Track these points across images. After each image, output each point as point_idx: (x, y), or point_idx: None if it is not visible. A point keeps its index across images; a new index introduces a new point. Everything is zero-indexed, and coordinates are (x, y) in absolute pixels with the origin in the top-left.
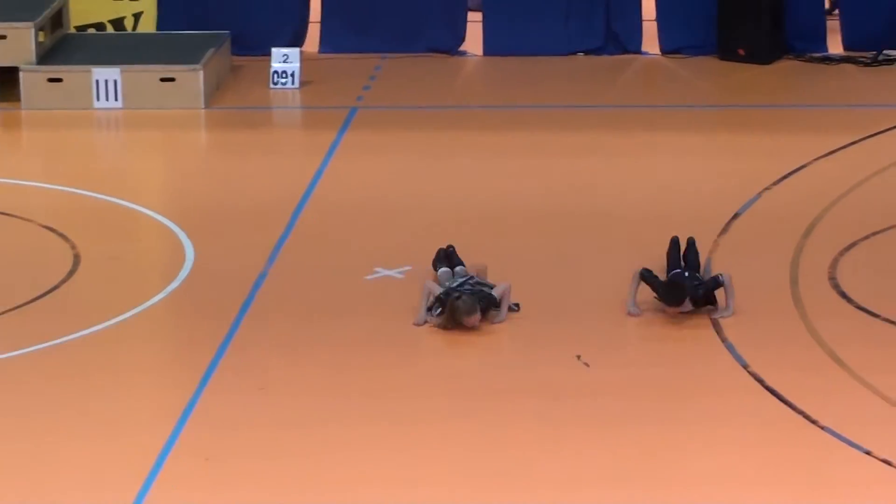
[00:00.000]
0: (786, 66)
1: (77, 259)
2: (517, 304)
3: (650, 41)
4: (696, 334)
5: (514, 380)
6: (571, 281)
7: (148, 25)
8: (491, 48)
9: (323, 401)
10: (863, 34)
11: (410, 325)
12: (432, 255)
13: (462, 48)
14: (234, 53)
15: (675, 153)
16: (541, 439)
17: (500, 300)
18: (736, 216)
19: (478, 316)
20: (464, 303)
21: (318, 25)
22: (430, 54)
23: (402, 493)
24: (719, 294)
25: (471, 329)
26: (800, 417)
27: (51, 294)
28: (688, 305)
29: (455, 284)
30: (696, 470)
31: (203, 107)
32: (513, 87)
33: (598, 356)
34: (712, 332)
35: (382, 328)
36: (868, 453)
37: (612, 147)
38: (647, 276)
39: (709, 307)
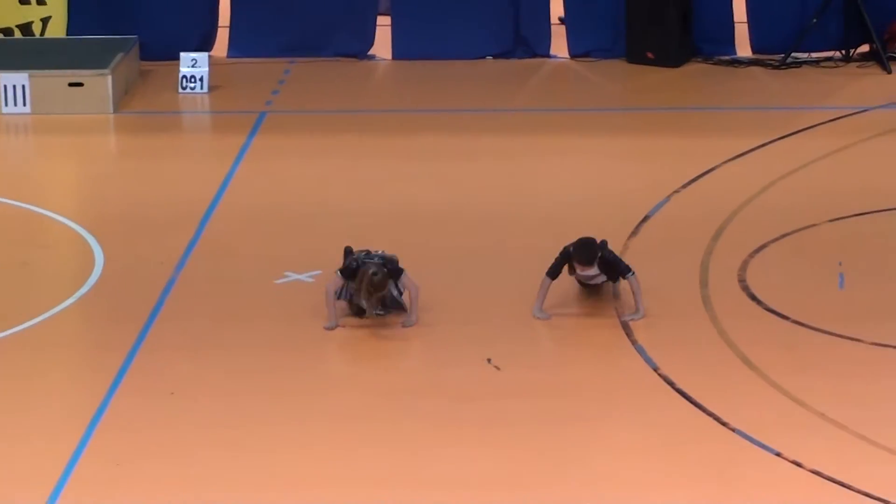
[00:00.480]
0: (694, 68)
1: None
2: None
3: (559, 45)
4: (606, 337)
5: (422, 382)
6: (480, 284)
7: (56, 30)
8: (400, 52)
9: (232, 404)
10: (771, 38)
11: (320, 328)
12: (340, 259)
13: (371, 52)
14: (142, 58)
15: (585, 156)
16: (446, 440)
17: (411, 304)
18: (646, 219)
19: (388, 281)
20: (374, 272)
21: (227, 30)
22: (339, 59)
23: (307, 493)
24: (628, 294)
25: (381, 293)
26: (710, 419)
27: None
28: (600, 276)
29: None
30: (605, 472)
31: (112, 111)
32: (421, 91)
33: (507, 359)
34: (622, 334)
35: (292, 331)
36: (778, 455)
37: (522, 150)
38: (559, 260)
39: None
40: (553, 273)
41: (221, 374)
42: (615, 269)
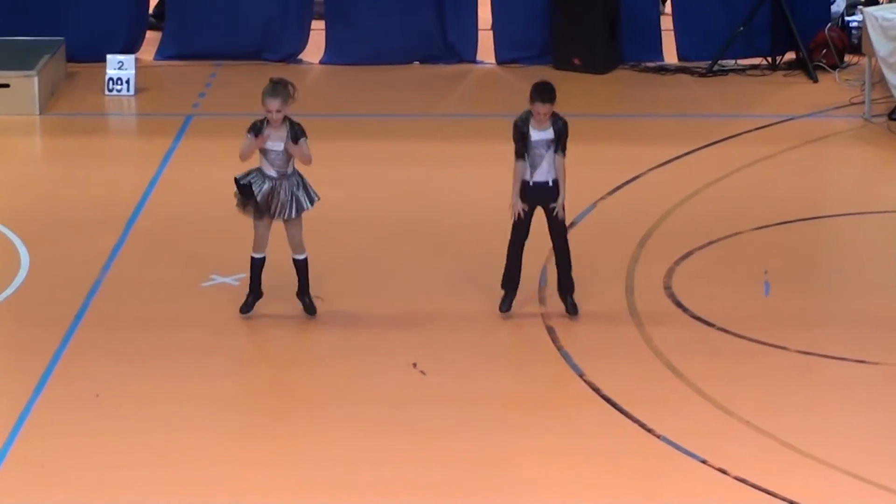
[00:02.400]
0: (621, 75)
1: None
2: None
3: (486, 51)
4: (532, 343)
5: (349, 388)
6: (406, 289)
7: None
8: (330, 57)
9: (157, 409)
10: (697, 45)
11: (246, 333)
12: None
13: (300, 56)
14: (68, 60)
15: (510, 162)
16: (371, 447)
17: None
18: (572, 225)
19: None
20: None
21: (153, 32)
22: (268, 62)
23: (231, 500)
24: (554, 299)
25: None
26: (636, 426)
27: None
28: (549, 137)
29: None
30: (530, 478)
31: (38, 113)
32: (349, 96)
33: (433, 364)
34: (548, 340)
35: (218, 335)
36: (704, 462)
37: (447, 156)
38: (515, 134)
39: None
40: (519, 152)
41: (146, 378)
42: (563, 135)
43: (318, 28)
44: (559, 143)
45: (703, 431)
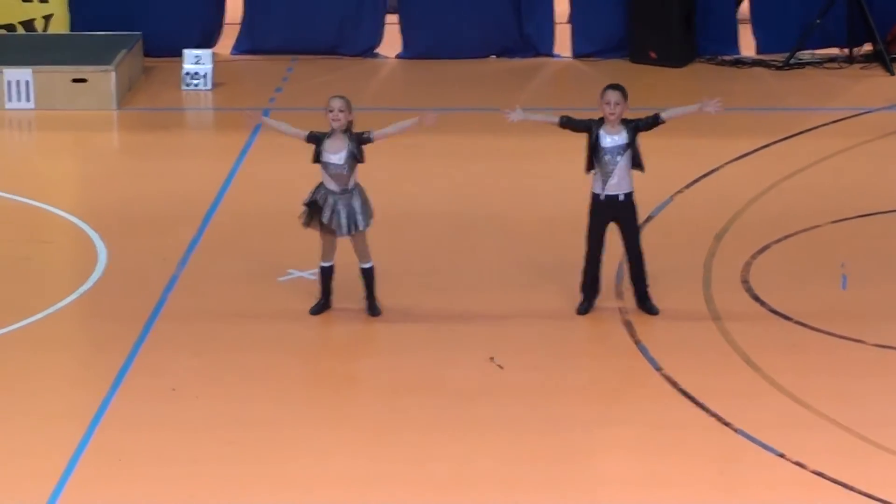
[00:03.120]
0: (697, 68)
1: None
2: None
3: (561, 44)
4: (609, 337)
5: (423, 380)
6: (480, 283)
7: (58, 27)
8: (405, 51)
9: (234, 403)
10: (775, 38)
11: (323, 327)
12: (343, 256)
13: (376, 51)
14: (145, 55)
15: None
16: (447, 440)
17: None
18: (649, 219)
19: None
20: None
21: (231, 27)
22: (344, 56)
23: (308, 494)
24: (629, 293)
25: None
26: (713, 420)
27: None
28: (622, 137)
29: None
30: (608, 473)
31: (115, 108)
32: (425, 90)
33: (511, 358)
34: (625, 334)
35: (295, 330)
36: (781, 456)
37: (525, 150)
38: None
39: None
40: (566, 119)
41: (223, 372)
42: (637, 127)
43: (392, 22)
44: (634, 132)
45: (781, 425)
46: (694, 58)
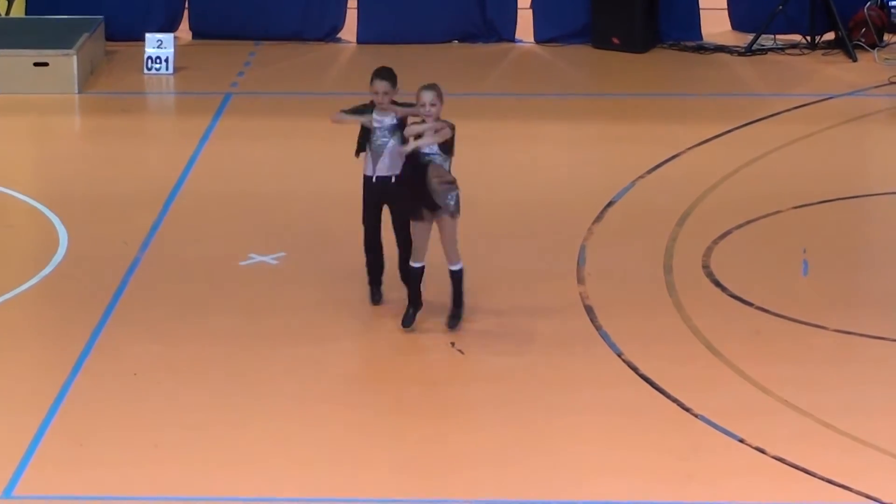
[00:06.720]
0: (660, 54)
1: None
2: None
3: (525, 30)
4: (570, 323)
5: (386, 367)
6: (442, 268)
7: (20, 12)
8: (365, 35)
9: (195, 386)
10: (748, 18)
11: (284, 311)
12: (306, 241)
13: (338, 35)
14: (107, 38)
15: (549, 142)
16: (410, 425)
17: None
18: (610, 204)
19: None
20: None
21: (196, 11)
22: (305, 41)
23: (269, 476)
24: (592, 280)
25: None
26: (674, 406)
27: None
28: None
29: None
30: (569, 459)
31: (77, 92)
32: None
33: (471, 344)
34: (587, 320)
35: (255, 314)
36: (742, 441)
37: (486, 136)
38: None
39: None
40: (356, 109)
41: (184, 357)
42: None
43: (355, 7)
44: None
45: (741, 411)
46: (657, 43)
